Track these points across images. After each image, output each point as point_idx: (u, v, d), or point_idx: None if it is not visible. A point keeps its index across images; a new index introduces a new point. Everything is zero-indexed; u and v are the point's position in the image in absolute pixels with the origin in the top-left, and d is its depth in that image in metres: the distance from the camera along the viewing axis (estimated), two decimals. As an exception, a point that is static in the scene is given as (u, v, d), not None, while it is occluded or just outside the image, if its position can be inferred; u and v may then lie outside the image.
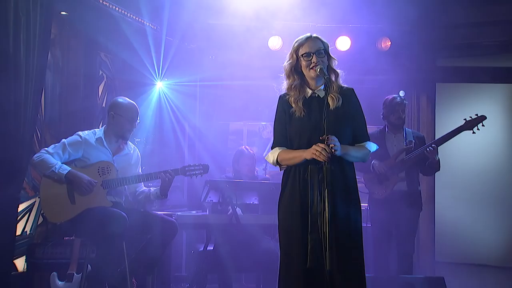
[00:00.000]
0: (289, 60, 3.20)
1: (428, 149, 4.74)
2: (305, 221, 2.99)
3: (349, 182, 3.11)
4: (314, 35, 3.19)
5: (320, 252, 2.88)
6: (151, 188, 4.55)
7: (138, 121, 4.51)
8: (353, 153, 3.10)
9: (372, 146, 3.22)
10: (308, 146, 3.02)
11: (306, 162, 3.02)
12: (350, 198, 3.09)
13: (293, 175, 3.11)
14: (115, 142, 4.46)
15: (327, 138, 2.88)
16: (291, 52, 3.21)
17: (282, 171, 3.22)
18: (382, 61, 6.05)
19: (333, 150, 2.89)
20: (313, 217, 2.95)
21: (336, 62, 3.20)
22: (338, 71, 3.20)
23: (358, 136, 3.17)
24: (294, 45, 3.20)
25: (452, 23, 6.32)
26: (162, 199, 4.65)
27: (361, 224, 3.11)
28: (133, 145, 4.67)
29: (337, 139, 2.93)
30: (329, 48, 3.20)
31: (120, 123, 4.41)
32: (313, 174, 3.00)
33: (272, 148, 3.22)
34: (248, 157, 5.49)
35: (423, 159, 4.80)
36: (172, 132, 6.74)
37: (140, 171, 4.61)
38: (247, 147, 5.66)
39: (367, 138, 3.20)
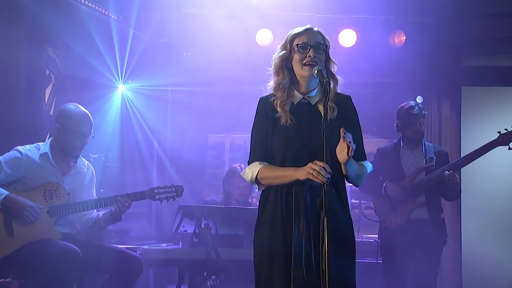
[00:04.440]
0: (280, 52, 3.18)
1: (446, 173, 4.74)
2: (287, 253, 2.98)
3: (346, 208, 3.12)
4: (316, 28, 3.19)
5: None
6: (99, 213, 4.48)
7: (91, 135, 4.45)
8: (357, 168, 3.08)
9: (370, 167, 3.21)
10: (293, 162, 3.02)
11: (291, 182, 3.01)
12: (349, 228, 3.10)
13: (274, 196, 3.09)
14: (64, 159, 4.41)
15: (344, 133, 2.84)
16: (283, 43, 3.19)
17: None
18: (395, 60, 6.08)
19: (350, 149, 2.84)
20: (297, 249, 2.95)
21: (336, 67, 3.19)
22: (338, 77, 3.18)
23: (355, 154, 3.09)
24: (289, 34, 3.18)
25: (482, 13, 6.34)
26: (114, 223, 4.51)
27: (355, 259, 3.11)
28: (87, 162, 4.62)
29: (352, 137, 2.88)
30: (330, 47, 3.20)
31: (67, 138, 4.34)
32: (298, 196, 3.00)
33: (249, 163, 3.19)
34: (241, 178, 5.47)
35: (445, 181, 4.80)
36: (138, 146, 6.70)
37: (94, 194, 4.56)
38: (241, 165, 5.64)
39: (364, 156, 3.20)
